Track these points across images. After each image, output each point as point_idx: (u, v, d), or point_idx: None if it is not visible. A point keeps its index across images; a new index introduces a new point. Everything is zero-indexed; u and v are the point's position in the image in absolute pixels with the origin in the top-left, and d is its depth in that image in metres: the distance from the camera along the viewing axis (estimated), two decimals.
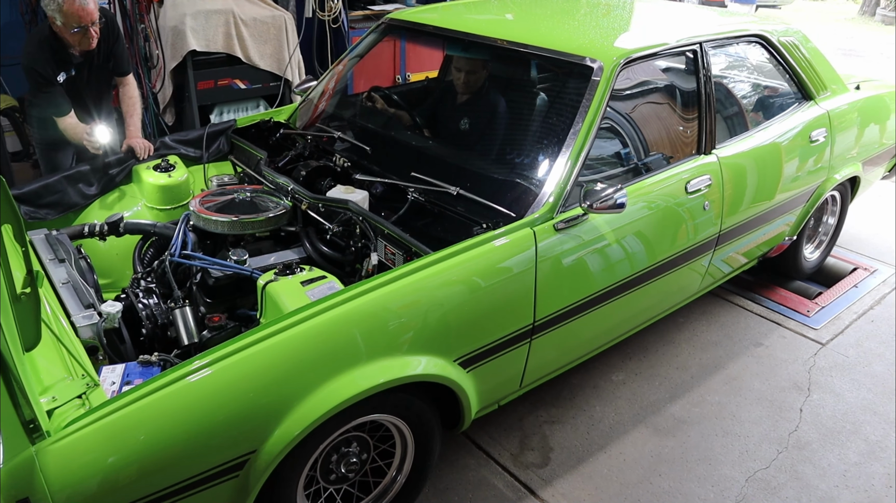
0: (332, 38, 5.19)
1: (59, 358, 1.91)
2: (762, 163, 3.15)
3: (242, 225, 2.54)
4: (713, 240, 2.97)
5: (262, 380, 1.81)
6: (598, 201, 2.26)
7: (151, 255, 2.72)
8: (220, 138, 3.31)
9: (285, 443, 1.84)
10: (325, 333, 1.90)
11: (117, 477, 1.65)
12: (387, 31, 3.47)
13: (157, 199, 2.98)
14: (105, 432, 1.65)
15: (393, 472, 2.32)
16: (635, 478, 2.65)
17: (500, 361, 2.30)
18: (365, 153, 2.89)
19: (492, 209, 2.38)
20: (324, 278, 2.15)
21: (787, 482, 2.65)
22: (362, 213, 2.45)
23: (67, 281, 2.32)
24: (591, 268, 2.47)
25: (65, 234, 2.62)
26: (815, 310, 3.69)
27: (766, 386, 3.15)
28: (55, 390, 1.78)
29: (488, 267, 2.18)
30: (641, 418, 2.94)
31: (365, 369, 1.95)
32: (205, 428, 1.74)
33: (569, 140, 2.44)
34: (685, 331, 3.53)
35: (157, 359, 2.04)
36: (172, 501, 1.74)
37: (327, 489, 2.22)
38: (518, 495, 2.56)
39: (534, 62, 2.91)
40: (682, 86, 3.03)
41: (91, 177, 2.98)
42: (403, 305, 2.02)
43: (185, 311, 2.28)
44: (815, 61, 3.52)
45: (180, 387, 1.73)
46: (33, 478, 1.58)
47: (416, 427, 2.24)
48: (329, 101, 3.40)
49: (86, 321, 2.13)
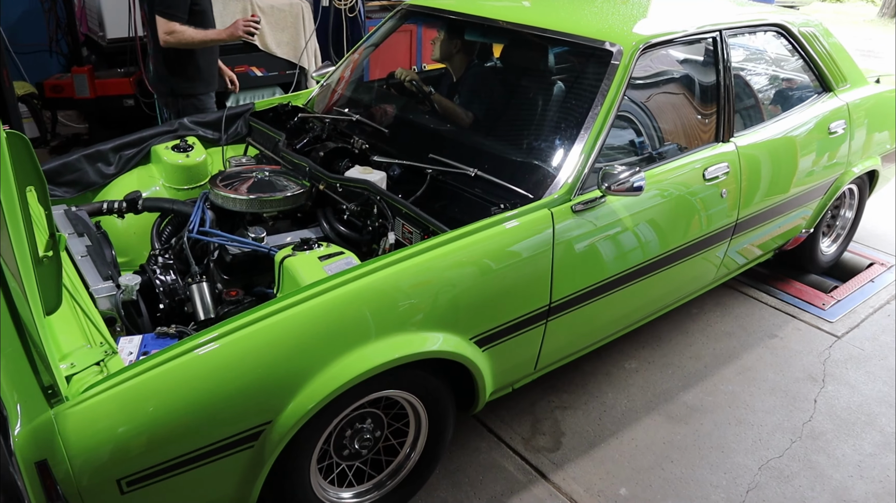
0: (349, 26, 5.21)
1: (79, 327, 1.93)
2: (780, 153, 3.13)
3: (261, 203, 2.55)
4: (730, 228, 2.96)
5: (277, 351, 1.82)
6: (616, 183, 2.26)
7: (169, 233, 2.74)
8: (238, 121, 3.33)
9: (301, 414, 1.84)
10: (340, 308, 1.91)
11: (135, 440, 1.66)
12: (405, 18, 3.48)
13: (175, 179, 3.00)
14: (124, 397, 1.66)
15: (407, 449, 2.33)
16: (647, 463, 2.64)
17: (516, 342, 2.31)
18: (383, 136, 2.90)
19: (510, 190, 2.38)
20: (341, 254, 2.16)
21: (801, 471, 2.64)
22: (380, 193, 2.45)
23: (86, 254, 2.33)
24: (607, 251, 2.46)
25: (84, 211, 2.64)
26: (830, 304, 3.67)
27: (781, 376, 3.14)
28: (74, 357, 1.79)
29: (504, 246, 2.18)
30: (654, 405, 2.93)
31: (382, 344, 1.95)
32: (220, 397, 1.75)
33: (587, 123, 2.44)
34: (699, 321, 3.52)
35: (174, 331, 2.05)
36: (189, 468, 1.76)
37: (340, 465, 2.23)
38: (529, 478, 2.56)
39: (553, 47, 2.91)
40: (700, 74, 3.02)
41: (110, 156, 3.00)
42: (415, 284, 2.03)
43: (202, 287, 2.29)
44: (835, 53, 3.50)
45: (197, 357, 1.74)
46: (52, 441, 1.59)
47: (430, 405, 2.25)
48: (346, 86, 3.42)
49: (104, 292, 2.14)
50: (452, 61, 3.27)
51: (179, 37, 3.49)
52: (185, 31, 3.49)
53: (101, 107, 5.15)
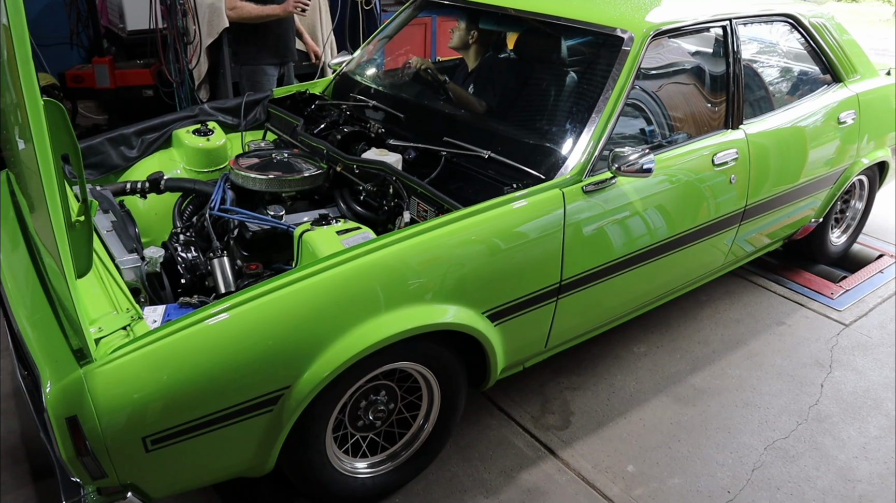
0: (365, 19, 5.28)
1: (105, 295, 2.00)
2: (789, 141, 3.18)
3: (280, 182, 2.62)
4: (738, 214, 3.01)
5: (293, 319, 1.89)
6: (626, 164, 2.32)
7: (190, 212, 2.81)
8: (257, 107, 3.40)
9: (318, 380, 1.91)
10: (354, 279, 1.97)
11: (159, 400, 1.74)
12: (420, 8, 3.55)
13: (196, 162, 3.08)
14: (150, 358, 1.74)
15: (420, 421, 2.39)
16: (654, 442, 2.70)
17: (527, 318, 2.36)
18: (399, 121, 2.97)
19: (522, 171, 2.45)
20: (358, 229, 2.23)
21: (806, 451, 2.68)
22: (396, 173, 2.52)
23: (111, 229, 2.41)
24: (617, 232, 2.52)
25: (108, 190, 2.72)
26: (839, 293, 3.71)
27: (788, 362, 3.18)
28: (101, 322, 1.86)
29: (516, 224, 2.25)
30: (662, 388, 2.98)
31: (396, 314, 2.02)
32: (239, 361, 1.82)
33: (599, 106, 2.50)
34: (707, 308, 3.56)
35: (196, 301, 2.12)
36: (211, 429, 1.83)
37: (354, 436, 2.29)
38: (538, 454, 2.62)
39: (566, 34, 2.96)
40: (710, 62, 3.07)
41: (132, 139, 3.09)
42: (425, 260, 2.09)
43: (223, 261, 2.36)
44: (845, 44, 3.53)
45: (219, 323, 1.81)
46: (81, 398, 1.67)
47: (443, 378, 2.31)
48: (363, 75, 3.48)
49: (129, 264, 2.22)
50: (468, 51, 3.34)
51: (239, 12, 4.05)
52: (245, 6, 4.04)
53: (121, 97, 5.24)
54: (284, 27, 4.30)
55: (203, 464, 1.93)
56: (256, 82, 4.29)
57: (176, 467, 1.87)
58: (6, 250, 2.33)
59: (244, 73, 4.33)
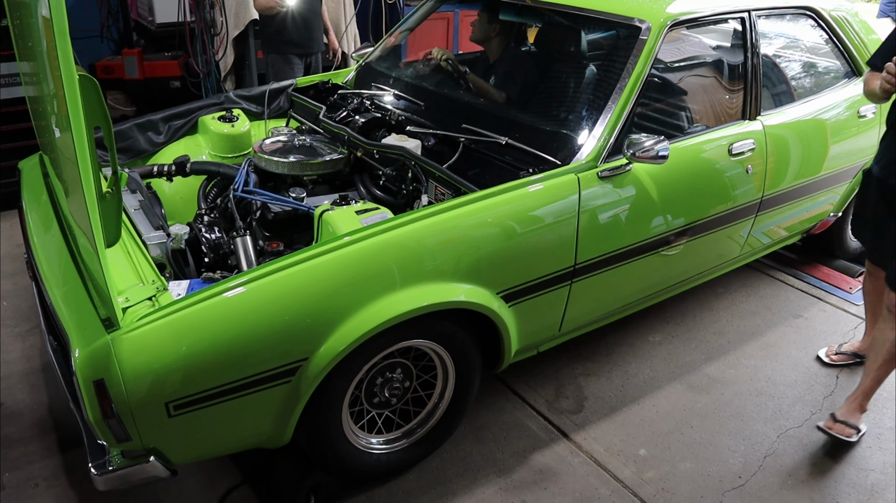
0: (388, 12, 5.35)
1: (132, 268, 2.08)
2: (807, 134, 3.18)
3: (302, 166, 2.68)
4: (755, 205, 3.02)
5: (314, 293, 1.96)
6: (641, 150, 2.35)
7: (215, 194, 2.89)
8: (280, 96, 3.48)
9: (335, 353, 1.97)
10: (370, 256, 2.03)
11: (182, 367, 1.80)
12: (442, 1, 3.60)
13: (220, 148, 3.16)
14: (175, 326, 1.81)
15: (435, 399, 2.44)
16: (667, 428, 2.72)
17: (541, 301, 2.40)
18: (419, 109, 3.02)
19: (539, 157, 2.49)
20: (377, 209, 2.28)
21: (819, 440, 2.69)
22: (415, 158, 2.57)
23: (139, 208, 2.49)
24: (632, 217, 2.55)
25: (136, 172, 2.80)
26: (857, 288, 3.69)
27: (804, 354, 3.18)
28: (128, 293, 1.94)
29: (532, 208, 2.29)
30: (676, 376, 3.01)
31: (412, 291, 2.07)
32: (259, 332, 1.88)
33: (615, 94, 2.53)
34: (724, 300, 3.57)
35: (219, 275, 2.19)
36: (232, 397, 1.90)
37: (370, 412, 2.35)
38: (551, 437, 2.66)
39: (585, 24, 3.00)
40: (729, 53, 3.09)
41: (160, 125, 3.17)
42: (442, 240, 2.14)
43: (246, 240, 2.43)
44: (866, 38, 3.53)
45: (238, 295, 1.88)
46: (108, 362, 1.74)
47: (458, 357, 2.36)
48: (385, 65, 3.55)
49: (156, 240, 2.30)
50: (490, 44, 3.38)
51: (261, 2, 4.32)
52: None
53: (149, 88, 5.37)
54: (311, 18, 4.43)
55: (223, 432, 1.99)
56: (281, 70, 4.41)
57: (197, 434, 1.94)
58: (39, 232, 2.42)
59: (270, 60, 4.48)
